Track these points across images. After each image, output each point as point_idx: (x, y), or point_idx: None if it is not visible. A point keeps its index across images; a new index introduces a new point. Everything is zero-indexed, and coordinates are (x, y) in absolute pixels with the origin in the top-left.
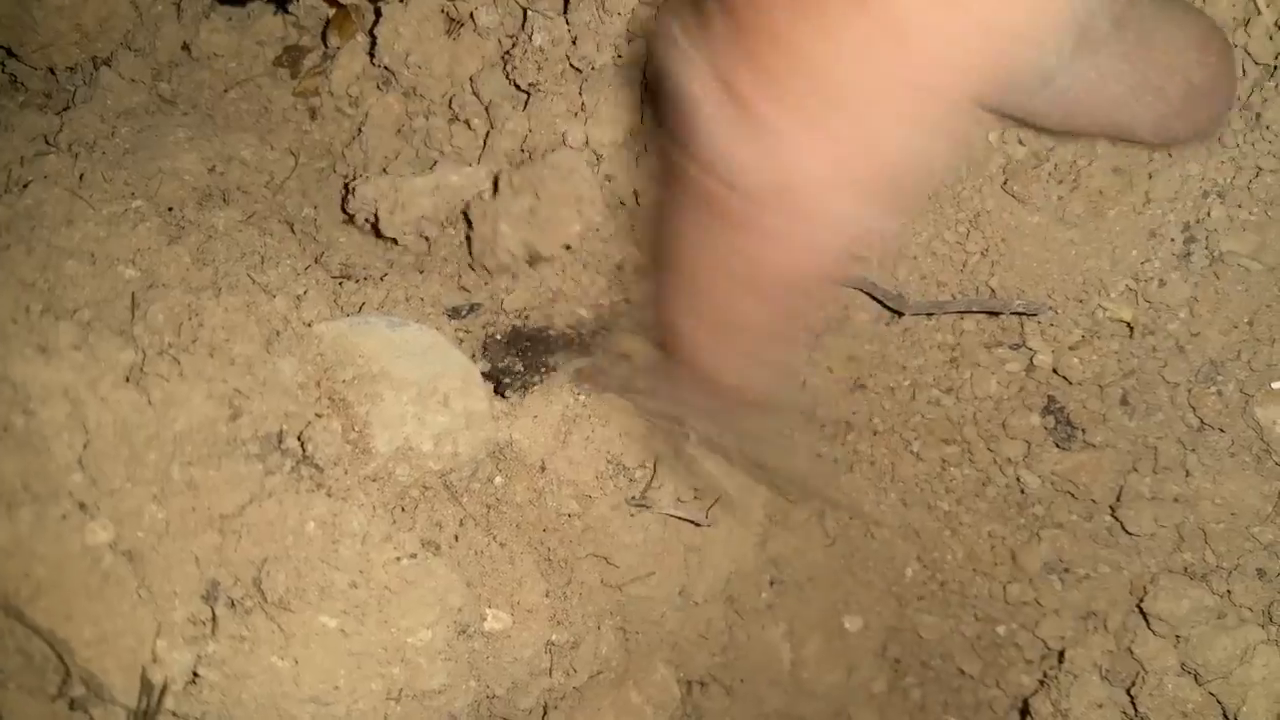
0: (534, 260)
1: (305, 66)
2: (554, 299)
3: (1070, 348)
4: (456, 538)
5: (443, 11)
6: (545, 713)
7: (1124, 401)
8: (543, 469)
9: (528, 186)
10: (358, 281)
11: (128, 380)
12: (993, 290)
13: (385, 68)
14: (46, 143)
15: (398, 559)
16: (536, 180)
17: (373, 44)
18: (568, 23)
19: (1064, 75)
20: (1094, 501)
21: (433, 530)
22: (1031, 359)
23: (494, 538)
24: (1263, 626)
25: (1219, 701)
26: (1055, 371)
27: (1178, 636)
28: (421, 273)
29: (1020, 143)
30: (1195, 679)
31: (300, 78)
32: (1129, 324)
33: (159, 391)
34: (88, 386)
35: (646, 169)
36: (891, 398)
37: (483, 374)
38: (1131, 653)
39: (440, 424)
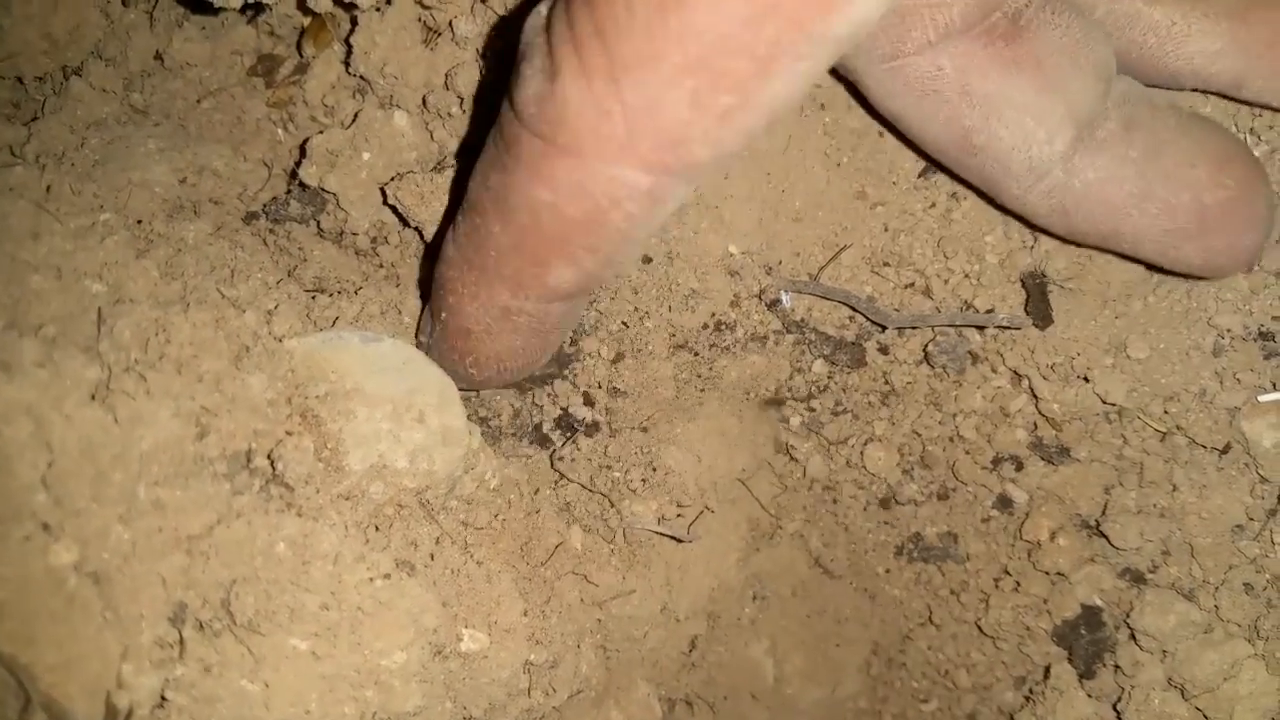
0: None
1: (280, 76)
2: None
3: (1051, 366)
4: (432, 556)
5: (420, 20)
6: None
7: (1109, 415)
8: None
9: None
10: (332, 295)
11: (93, 398)
12: (974, 306)
13: (361, 77)
14: (13, 154)
15: (371, 579)
16: None
17: (348, 53)
18: None
19: (1060, 170)
20: (1080, 515)
21: (407, 549)
22: (1016, 372)
23: (471, 556)
24: (1250, 641)
25: (1205, 716)
26: (1043, 380)
27: (1164, 651)
28: (398, 286)
29: None
30: (1182, 693)
31: (275, 87)
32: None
33: (125, 409)
34: (52, 404)
35: None
36: (876, 412)
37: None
38: (1118, 667)
39: (416, 440)
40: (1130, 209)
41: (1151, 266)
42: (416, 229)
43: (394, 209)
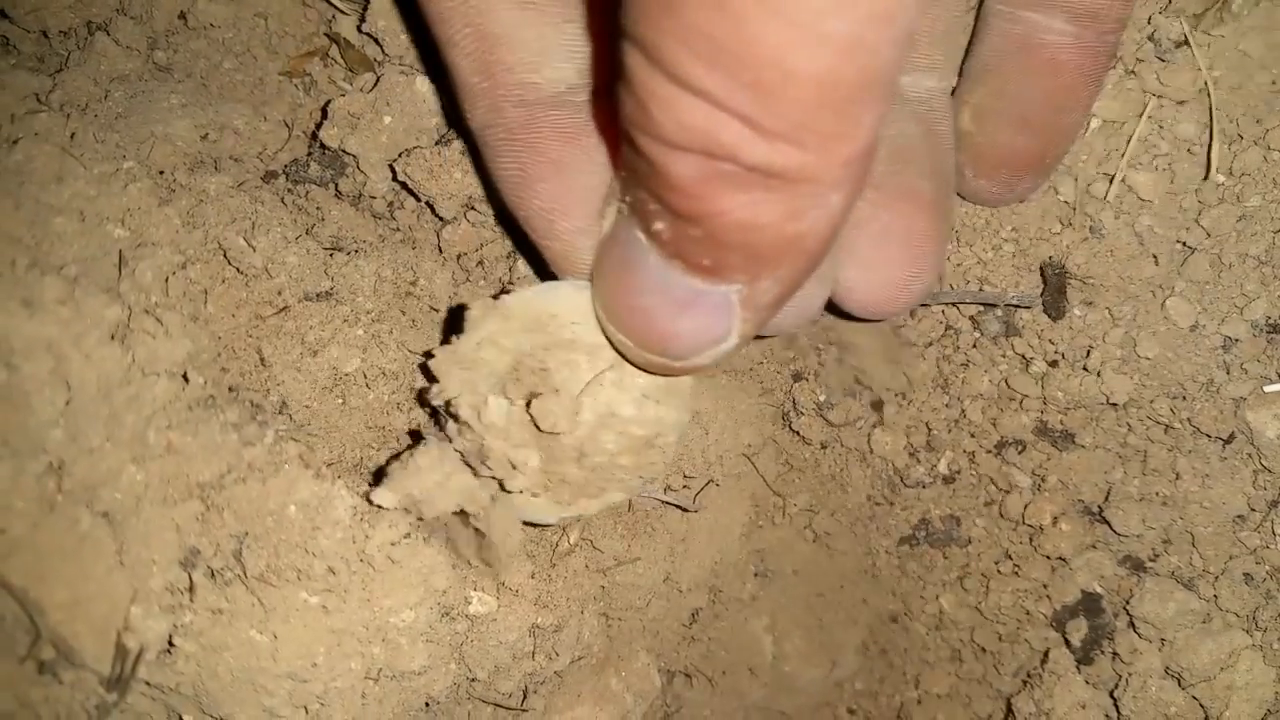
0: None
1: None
2: None
3: (1061, 354)
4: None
5: None
6: (525, 697)
7: (1114, 402)
8: None
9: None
10: (349, 254)
11: (113, 338)
12: (982, 285)
13: (376, 40)
14: (38, 101)
15: (391, 543)
16: None
17: (362, 19)
18: None
19: None
20: (1083, 501)
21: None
22: (1024, 358)
23: None
24: (1248, 631)
25: (1202, 705)
26: (1052, 365)
27: (1163, 639)
28: (414, 249)
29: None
30: (1179, 682)
31: (291, 57)
32: None
33: (143, 350)
34: (72, 342)
35: None
36: (884, 394)
37: None
38: (1116, 655)
39: (640, 386)
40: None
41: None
42: (428, 203)
43: (404, 184)
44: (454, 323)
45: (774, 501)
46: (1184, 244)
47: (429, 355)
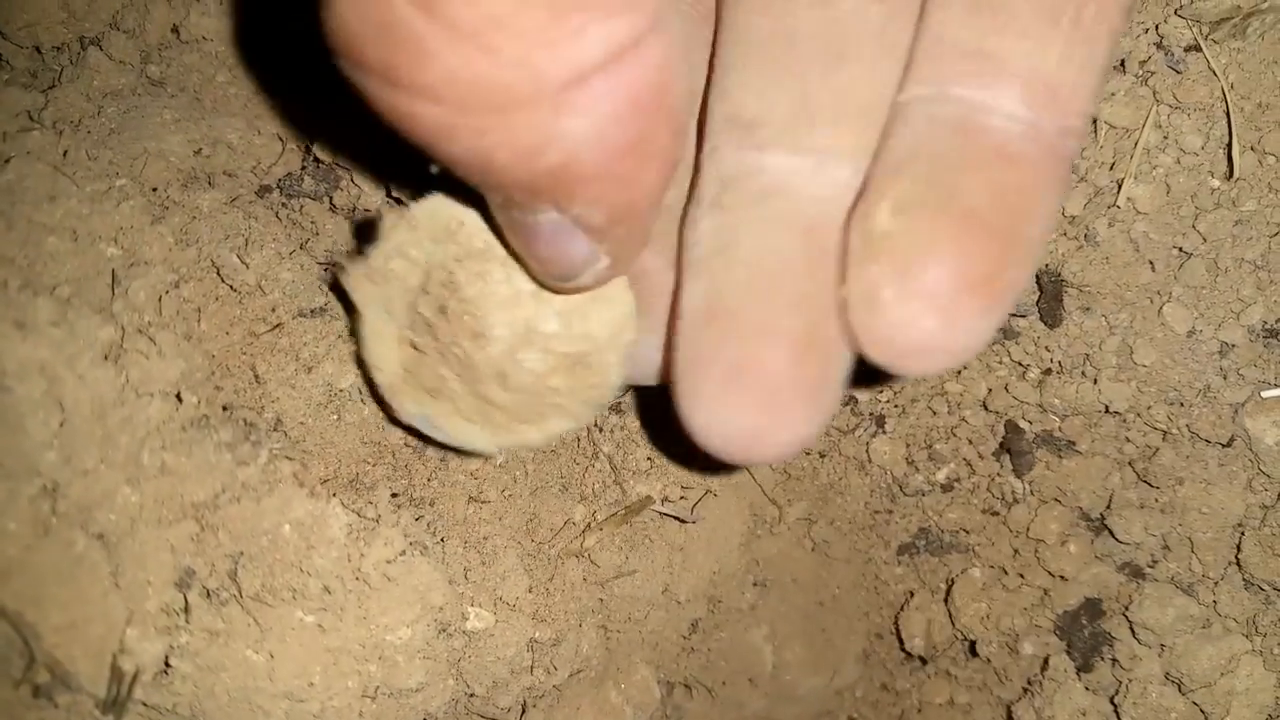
0: None
1: None
2: None
3: (1059, 362)
4: (443, 541)
5: None
6: (524, 711)
7: (1113, 409)
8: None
9: None
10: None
11: (106, 358)
12: None
13: None
14: (30, 119)
15: (387, 561)
16: None
17: None
18: None
19: None
20: (1082, 508)
21: (418, 526)
22: (1021, 364)
23: (478, 532)
24: (1248, 637)
25: (1202, 711)
26: (1047, 373)
27: (1162, 645)
28: None
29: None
30: (1179, 688)
31: None
32: None
33: (137, 370)
34: (65, 364)
35: None
36: (883, 404)
37: None
38: (1116, 661)
39: (562, 299)
40: None
41: None
42: None
43: (399, 199)
44: (364, 233)
45: (772, 511)
46: (1180, 249)
47: (339, 266)
